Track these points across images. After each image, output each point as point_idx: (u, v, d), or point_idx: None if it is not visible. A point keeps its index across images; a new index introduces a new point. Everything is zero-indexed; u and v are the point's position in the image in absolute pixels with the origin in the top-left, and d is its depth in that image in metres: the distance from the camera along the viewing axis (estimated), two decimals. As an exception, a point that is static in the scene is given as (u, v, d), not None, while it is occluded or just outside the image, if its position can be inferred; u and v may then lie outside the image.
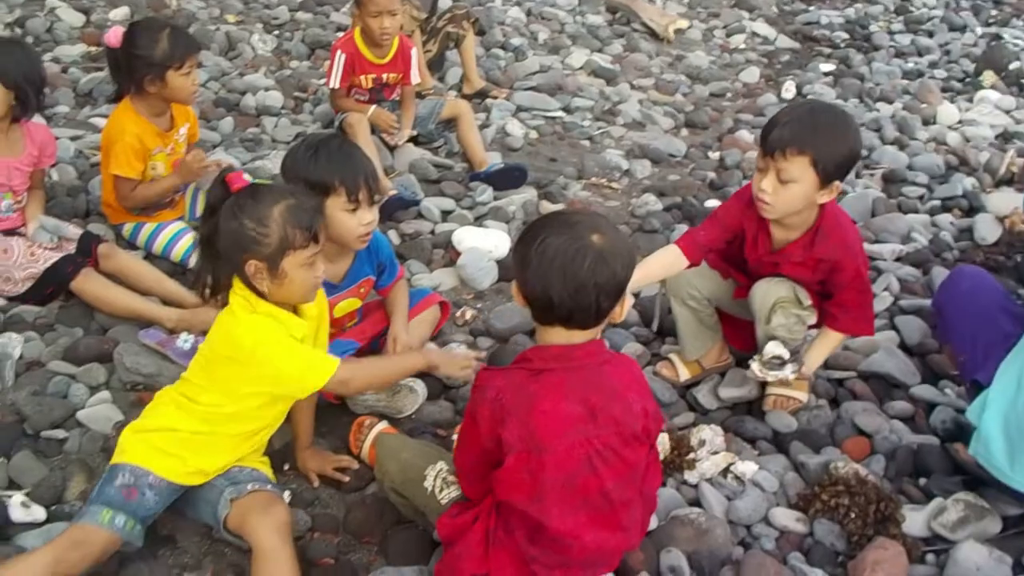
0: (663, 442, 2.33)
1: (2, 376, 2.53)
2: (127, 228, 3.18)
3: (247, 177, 2.01)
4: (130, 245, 3.15)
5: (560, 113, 4.71)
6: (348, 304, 2.56)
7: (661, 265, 2.55)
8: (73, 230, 2.99)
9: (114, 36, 3.03)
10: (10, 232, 2.92)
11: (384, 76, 3.98)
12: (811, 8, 6.96)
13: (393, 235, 3.42)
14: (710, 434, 2.39)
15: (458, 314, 3.02)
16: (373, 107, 3.95)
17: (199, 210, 3.25)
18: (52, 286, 2.84)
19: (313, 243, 1.98)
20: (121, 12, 5.19)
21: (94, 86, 4.31)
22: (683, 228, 3.59)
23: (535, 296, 1.74)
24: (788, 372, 2.46)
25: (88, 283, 2.82)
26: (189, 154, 3.12)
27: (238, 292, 2.01)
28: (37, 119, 3.12)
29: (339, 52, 3.92)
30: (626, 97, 4.97)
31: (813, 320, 2.50)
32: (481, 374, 1.83)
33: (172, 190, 3.16)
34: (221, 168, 3.15)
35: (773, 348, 2.45)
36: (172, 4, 5.35)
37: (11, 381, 2.54)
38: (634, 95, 5.03)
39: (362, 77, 3.95)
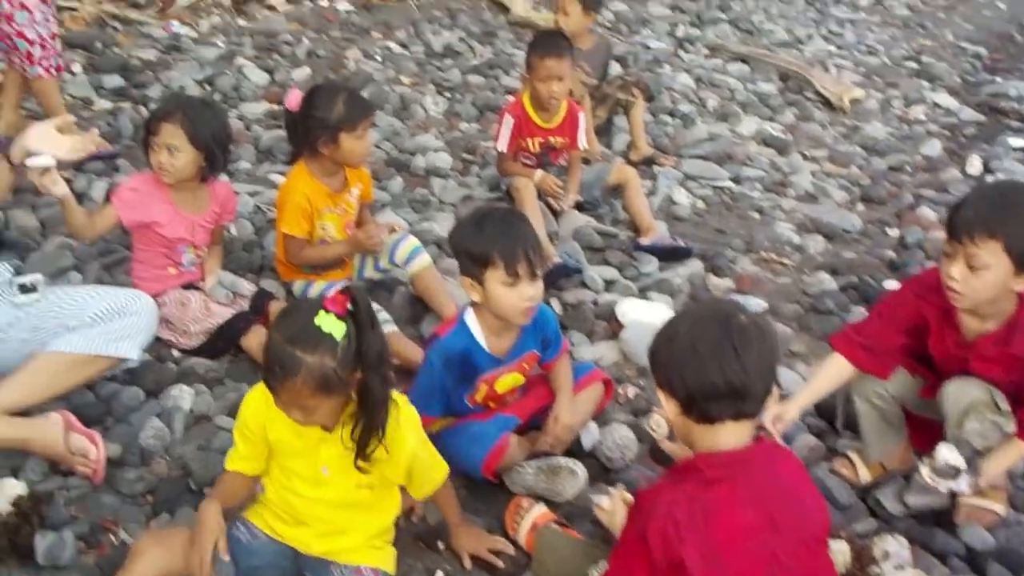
0: (842, 551, 2.15)
1: (172, 429, 2.59)
2: (297, 285, 3.24)
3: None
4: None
5: (729, 183, 4.59)
6: (511, 379, 2.50)
7: (828, 381, 2.42)
8: (248, 287, 3.07)
9: (294, 99, 3.12)
10: (189, 286, 3.01)
11: (551, 140, 3.98)
12: (998, 79, 6.62)
13: (555, 304, 3.36)
14: (896, 546, 2.20)
15: (620, 391, 2.93)
16: (539, 172, 3.93)
17: (367, 271, 3.29)
18: (224, 341, 2.90)
19: None
20: (303, 72, 5.39)
21: (274, 143, 4.46)
22: (860, 311, 3.41)
23: (697, 389, 1.64)
24: (963, 486, 2.24)
25: (257, 341, 2.87)
26: (363, 230, 3.17)
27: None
28: (220, 175, 3.22)
29: (507, 115, 3.94)
30: (798, 168, 4.81)
31: (1012, 429, 2.28)
32: (642, 493, 1.73)
33: (341, 256, 3.21)
34: (389, 232, 3.22)
35: (946, 454, 2.25)
36: (350, 65, 5.52)
37: (180, 434, 2.59)
38: (806, 166, 4.87)
39: (529, 140, 3.96)
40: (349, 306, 1.90)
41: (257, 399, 2.02)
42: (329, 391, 1.86)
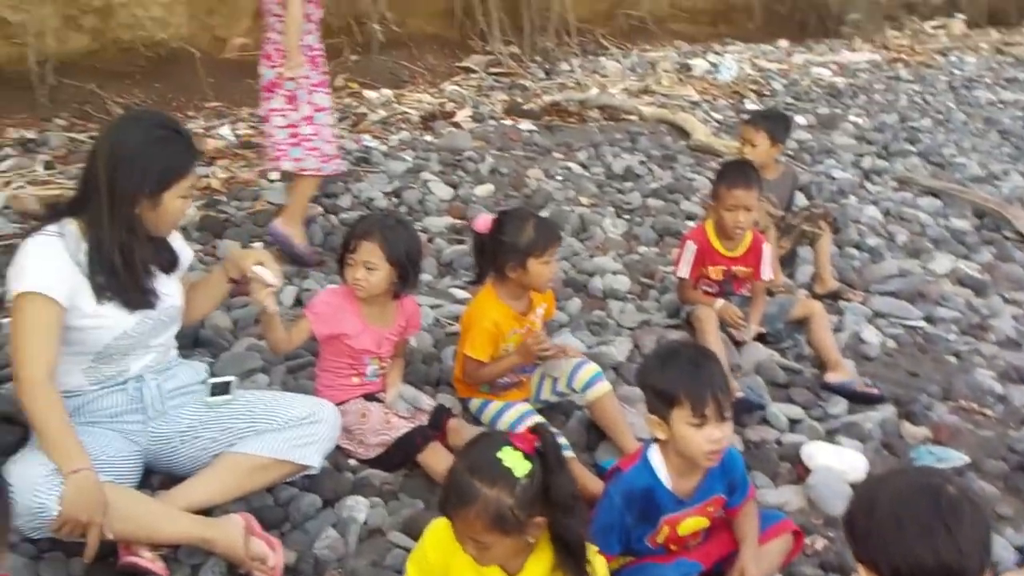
0: None
1: (346, 540, 2.58)
2: (474, 404, 3.23)
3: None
4: (475, 420, 3.18)
5: (922, 323, 4.36)
6: (695, 522, 2.38)
7: None
8: (428, 401, 3.08)
9: (483, 223, 3.16)
10: (371, 397, 3.04)
11: (734, 269, 3.90)
12: None
13: (737, 441, 3.22)
14: None
15: (808, 542, 2.75)
16: (720, 301, 3.84)
17: (544, 393, 3.25)
18: (401, 455, 2.90)
19: None
20: (486, 189, 5.52)
21: (455, 258, 4.55)
22: (1076, 474, 3.12)
23: (905, 568, 1.52)
24: None
25: (434, 457, 2.86)
26: (531, 336, 3.14)
27: None
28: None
29: (689, 242, 3.89)
30: (998, 312, 4.53)
31: None
32: None
33: (513, 368, 3.19)
34: (566, 355, 3.19)
35: None
36: (532, 184, 5.62)
37: (353, 547, 2.58)
38: (1007, 310, 4.58)
39: (711, 269, 3.89)
40: (537, 444, 1.87)
41: (442, 533, 1.98)
42: (504, 529, 1.81)
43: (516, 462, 1.84)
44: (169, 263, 2.68)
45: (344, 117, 7.11)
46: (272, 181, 5.45)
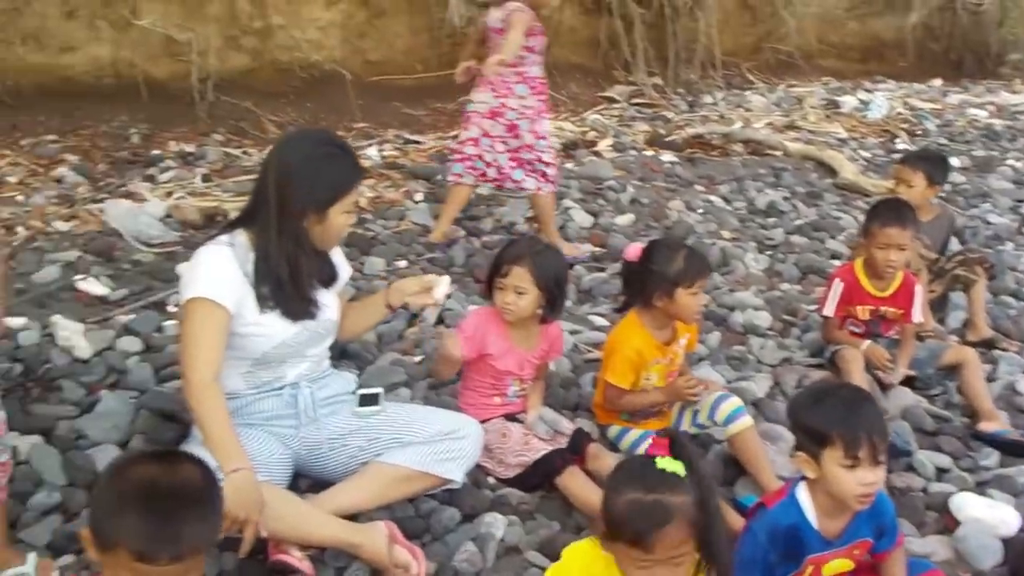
0: None
1: (484, 555, 2.61)
2: (613, 431, 3.23)
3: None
4: (613, 447, 3.18)
5: (1083, 377, 4.14)
6: (840, 564, 2.32)
7: None
8: (568, 425, 3.09)
9: (633, 252, 3.17)
10: (511, 417, 3.07)
11: (883, 310, 3.79)
12: None
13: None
14: None
15: (956, 595, 2.65)
16: (867, 342, 3.74)
17: (684, 424, 3.23)
18: (539, 477, 2.92)
19: (641, 550, 1.85)
20: (626, 218, 5.54)
21: (595, 285, 4.57)
22: None
23: None
24: None
25: (572, 481, 2.87)
26: (683, 379, 3.13)
27: None
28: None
29: (837, 280, 3.81)
30: None
31: None
32: None
33: (655, 405, 3.18)
34: (707, 390, 3.16)
35: None
36: (672, 215, 5.60)
37: (491, 563, 2.61)
38: None
39: (859, 308, 3.80)
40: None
41: (588, 557, 2.00)
42: (697, 529, 1.85)
43: (673, 465, 1.88)
44: (330, 277, 2.79)
45: (487, 142, 7.23)
46: (416, 203, 5.60)
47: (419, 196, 5.73)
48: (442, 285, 2.82)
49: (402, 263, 4.67)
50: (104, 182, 5.84)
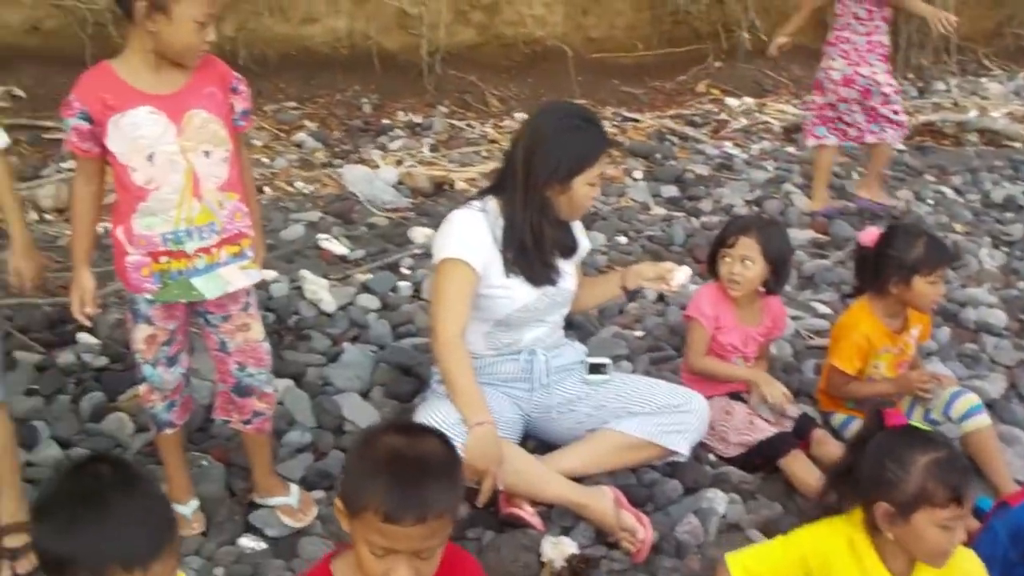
0: None
1: (706, 530, 2.66)
2: (837, 418, 3.20)
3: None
4: (836, 435, 3.15)
5: None
6: (1088, 572, 2.24)
7: None
8: (793, 409, 3.09)
9: (869, 236, 3.12)
10: (735, 396, 3.10)
11: None
12: None
13: None
14: None
15: None
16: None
17: (914, 418, 3.15)
18: (762, 459, 2.94)
19: (955, 505, 1.84)
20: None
21: (816, 272, 4.48)
22: None
23: None
24: None
25: (796, 465, 2.87)
26: (916, 373, 3.07)
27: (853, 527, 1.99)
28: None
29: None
30: None
31: None
32: None
33: (884, 395, 3.12)
34: (940, 385, 3.08)
35: None
36: (900, 205, 5.40)
37: (713, 536, 2.66)
38: None
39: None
40: None
41: (827, 544, 2.02)
42: None
43: (925, 425, 1.95)
44: (570, 248, 2.88)
45: (705, 123, 7.19)
46: (635, 180, 5.65)
47: (638, 174, 5.77)
48: (680, 274, 2.86)
49: (622, 239, 4.74)
50: (339, 148, 6.20)
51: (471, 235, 2.69)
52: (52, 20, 6.56)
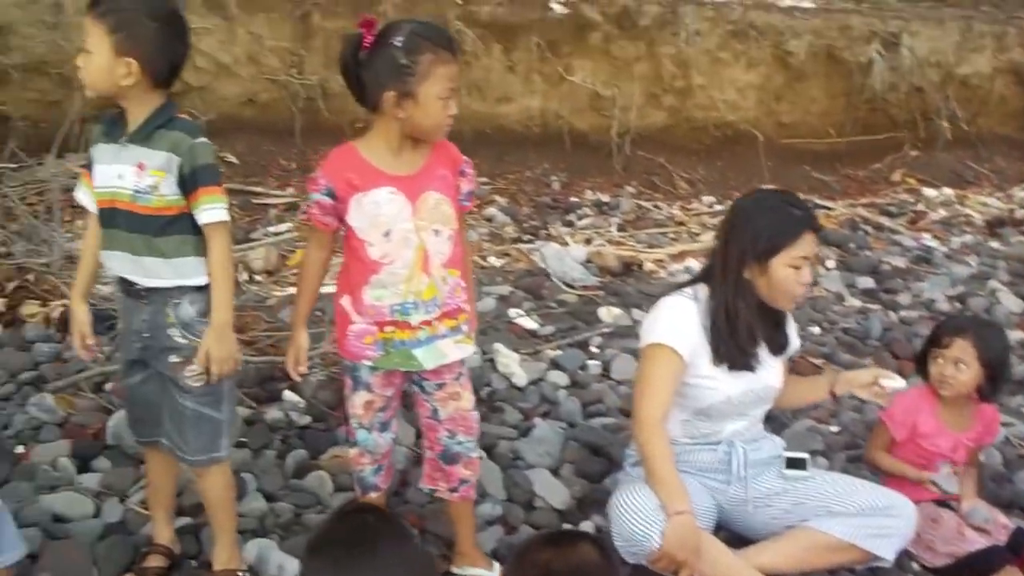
0: None
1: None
2: (1055, 535, 3.00)
3: None
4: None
5: None
6: None
7: None
8: (1005, 520, 2.92)
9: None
10: (941, 503, 2.95)
11: None
12: None
13: None
14: None
15: None
16: None
17: None
18: (972, 571, 2.79)
19: None
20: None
21: (1027, 375, 4.26)
22: None
23: None
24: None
25: (1012, 578, 2.72)
26: None
27: None
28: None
29: None
30: None
31: None
32: None
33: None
34: None
35: None
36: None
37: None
38: None
39: None
40: None
41: None
42: None
43: None
44: (779, 345, 2.84)
45: (901, 213, 6.98)
46: (828, 270, 5.53)
47: (831, 263, 5.65)
48: (894, 383, 2.79)
49: (815, 329, 4.63)
50: (527, 224, 6.34)
51: (680, 321, 2.70)
52: (266, 94, 7.01)
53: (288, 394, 3.67)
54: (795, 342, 2.93)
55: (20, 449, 3.22)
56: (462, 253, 2.51)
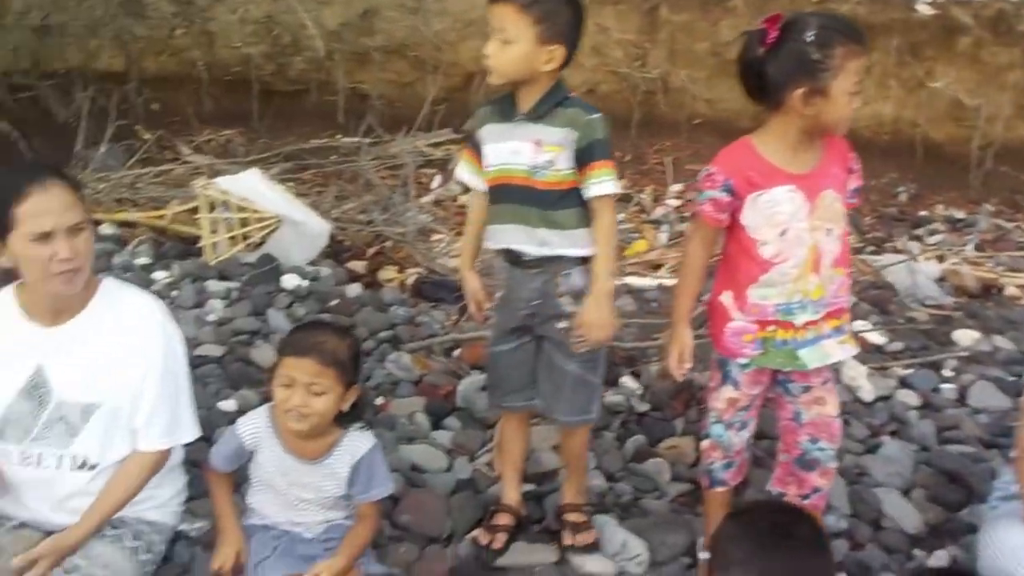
0: None
1: None
2: None
3: None
4: None
5: None
6: None
7: None
8: None
9: None
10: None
11: None
12: None
13: None
14: None
15: None
16: None
17: None
18: None
19: None
20: None
21: None
22: None
23: None
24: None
25: None
26: None
27: None
28: None
29: None
30: None
31: None
32: None
33: None
34: None
35: None
36: None
37: None
38: None
39: None
40: None
41: None
42: None
43: None
44: None
45: None
46: None
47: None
48: None
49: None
50: (871, 235, 6.03)
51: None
52: (606, 85, 7.12)
53: (625, 380, 3.72)
54: None
55: (379, 400, 3.49)
56: (847, 251, 2.43)
